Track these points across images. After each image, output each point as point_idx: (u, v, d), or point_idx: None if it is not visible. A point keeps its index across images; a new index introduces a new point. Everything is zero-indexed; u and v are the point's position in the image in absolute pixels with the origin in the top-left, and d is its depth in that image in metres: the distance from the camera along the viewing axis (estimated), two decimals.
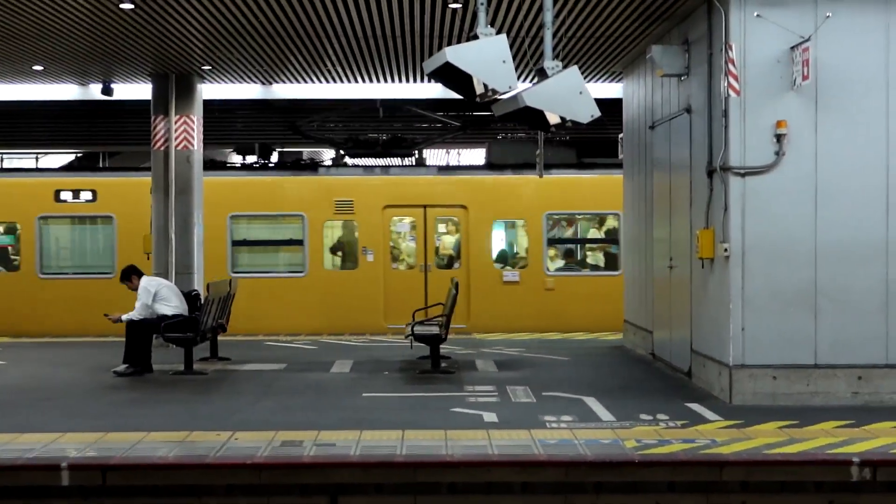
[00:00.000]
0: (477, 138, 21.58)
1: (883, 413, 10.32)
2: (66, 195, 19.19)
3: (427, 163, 20.45)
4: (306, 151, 22.67)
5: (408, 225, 19.49)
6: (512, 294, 18.91)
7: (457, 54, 9.72)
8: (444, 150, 27.43)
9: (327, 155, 23.48)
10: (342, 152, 19.76)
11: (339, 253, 19.67)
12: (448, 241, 19.60)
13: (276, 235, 19.77)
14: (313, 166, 19.61)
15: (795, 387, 10.84)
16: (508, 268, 19.24)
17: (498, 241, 19.61)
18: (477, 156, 27.06)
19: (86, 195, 19.18)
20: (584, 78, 13.53)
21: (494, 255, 19.34)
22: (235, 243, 19.15)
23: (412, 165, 19.88)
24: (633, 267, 16.11)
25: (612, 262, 19.44)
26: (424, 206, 19.09)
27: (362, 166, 19.51)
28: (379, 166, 19.56)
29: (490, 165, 19.78)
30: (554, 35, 10.81)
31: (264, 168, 19.95)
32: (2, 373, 13.85)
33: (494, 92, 10.00)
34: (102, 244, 19.53)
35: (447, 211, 19.23)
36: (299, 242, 19.10)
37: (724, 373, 11.09)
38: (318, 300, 18.89)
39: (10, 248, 19.85)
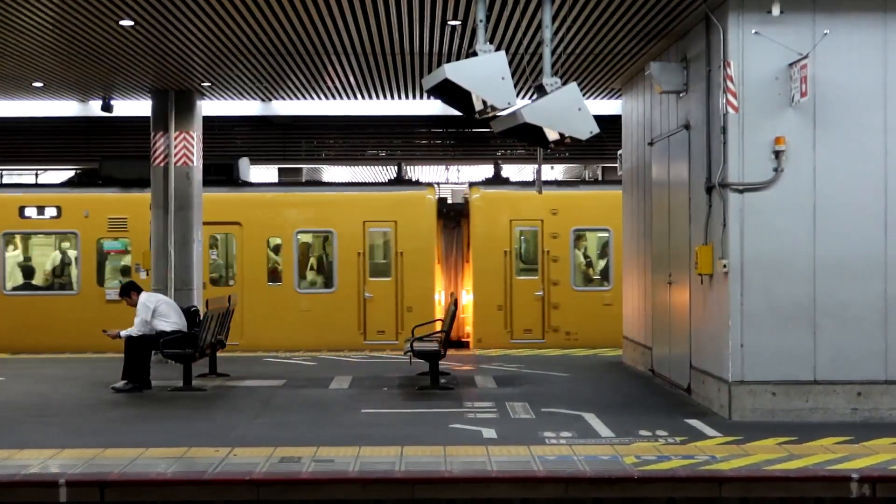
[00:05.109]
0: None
1: (882, 429, 10.31)
2: None
3: None
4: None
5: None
6: None
7: (456, 71, 9.77)
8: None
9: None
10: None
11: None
12: None
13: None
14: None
15: (795, 403, 10.83)
16: None
17: None
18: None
19: None
20: (583, 94, 13.51)
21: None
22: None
23: None
24: (631, 283, 16.11)
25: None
26: None
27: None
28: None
29: None
30: (553, 52, 10.85)
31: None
32: (0, 389, 13.82)
33: (493, 108, 10.05)
34: None
35: None
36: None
37: (723, 389, 11.08)
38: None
39: None
